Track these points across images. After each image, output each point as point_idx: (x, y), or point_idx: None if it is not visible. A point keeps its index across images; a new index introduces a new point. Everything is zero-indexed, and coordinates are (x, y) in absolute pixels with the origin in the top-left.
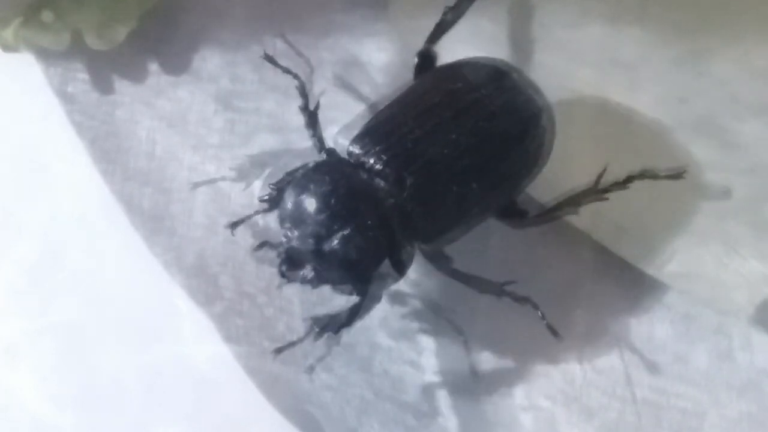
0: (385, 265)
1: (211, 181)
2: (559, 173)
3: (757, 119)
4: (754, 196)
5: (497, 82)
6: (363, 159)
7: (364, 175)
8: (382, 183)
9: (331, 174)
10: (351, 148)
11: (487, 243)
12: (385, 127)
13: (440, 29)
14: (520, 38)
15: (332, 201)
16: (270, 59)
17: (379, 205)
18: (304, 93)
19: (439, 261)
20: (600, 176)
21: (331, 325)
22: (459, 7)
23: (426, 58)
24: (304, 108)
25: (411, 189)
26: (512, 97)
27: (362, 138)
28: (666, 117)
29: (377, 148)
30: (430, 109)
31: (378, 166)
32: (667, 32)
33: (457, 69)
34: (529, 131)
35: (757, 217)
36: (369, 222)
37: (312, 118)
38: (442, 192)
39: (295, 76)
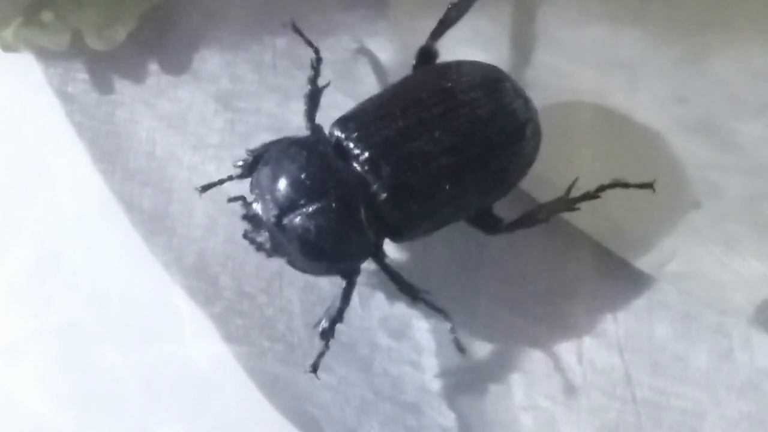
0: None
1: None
2: (559, 173)
3: (757, 119)
4: (754, 196)
5: (488, 88)
6: (343, 142)
7: (342, 158)
8: (357, 168)
9: (308, 151)
10: (333, 130)
11: (487, 243)
12: (370, 114)
13: (443, 26)
14: (520, 38)
15: (303, 177)
16: (295, 29)
17: (350, 190)
18: (317, 68)
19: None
20: (570, 187)
21: (326, 322)
22: (462, 4)
23: (427, 54)
24: (313, 80)
25: (386, 179)
26: (500, 105)
27: (346, 121)
28: (666, 117)
29: (359, 133)
30: (418, 103)
31: (356, 151)
32: (667, 32)
33: (451, 68)
34: (512, 141)
35: (757, 217)
36: (335, 204)
37: (315, 93)
38: (415, 186)
39: (315, 50)
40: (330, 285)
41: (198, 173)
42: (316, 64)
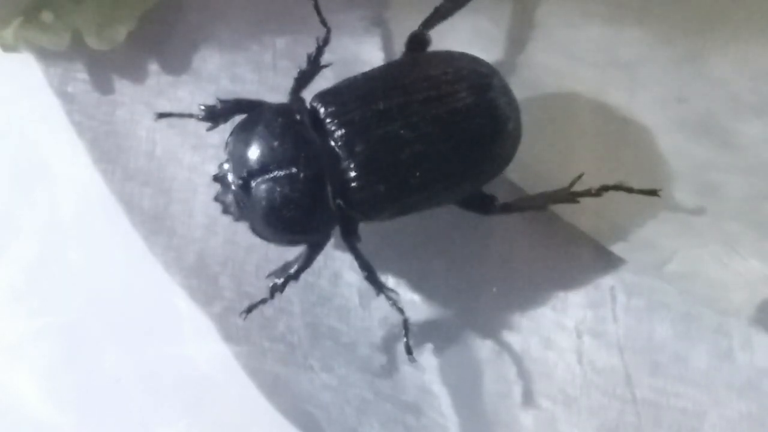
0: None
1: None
2: (559, 173)
3: (757, 119)
4: (754, 195)
5: (474, 81)
6: (321, 115)
7: (318, 131)
8: (331, 142)
9: (283, 118)
10: (314, 103)
11: (488, 242)
12: (352, 92)
13: (437, 14)
14: (520, 38)
15: (274, 143)
16: (316, 7)
17: (319, 162)
18: (322, 48)
19: (349, 233)
20: (574, 181)
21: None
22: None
23: (418, 41)
24: (314, 59)
25: (358, 157)
26: (484, 100)
27: (327, 95)
28: (666, 117)
29: (339, 109)
30: (401, 88)
31: (332, 126)
32: (667, 32)
33: (440, 57)
34: (491, 137)
35: (757, 217)
36: (302, 175)
37: (312, 72)
38: (386, 169)
39: (327, 30)
40: (330, 285)
41: (198, 173)
42: (323, 44)
